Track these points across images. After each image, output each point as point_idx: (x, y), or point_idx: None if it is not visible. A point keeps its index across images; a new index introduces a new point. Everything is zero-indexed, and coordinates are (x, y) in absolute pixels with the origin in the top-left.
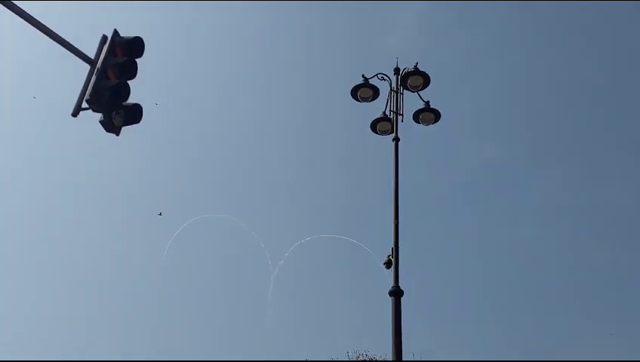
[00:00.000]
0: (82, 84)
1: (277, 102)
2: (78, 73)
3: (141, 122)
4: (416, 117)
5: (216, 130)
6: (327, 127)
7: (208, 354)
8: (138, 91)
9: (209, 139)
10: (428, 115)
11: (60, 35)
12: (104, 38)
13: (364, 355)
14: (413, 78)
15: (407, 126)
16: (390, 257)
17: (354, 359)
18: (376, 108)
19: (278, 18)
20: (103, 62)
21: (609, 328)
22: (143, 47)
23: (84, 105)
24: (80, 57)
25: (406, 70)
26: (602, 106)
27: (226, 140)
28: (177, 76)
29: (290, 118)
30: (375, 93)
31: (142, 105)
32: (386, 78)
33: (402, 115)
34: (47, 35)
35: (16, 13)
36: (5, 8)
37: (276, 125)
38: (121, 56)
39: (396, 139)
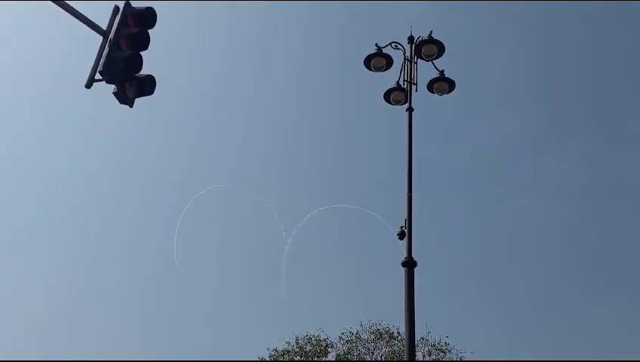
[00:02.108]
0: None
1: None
2: (91, 45)
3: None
4: (431, 87)
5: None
6: (340, 98)
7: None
8: (149, 62)
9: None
10: (442, 84)
11: (72, 6)
12: (116, 8)
13: (378, 325)
14: (428, 47)
15: (421, 96)
16: (403, 228)
17: (367, 328)
18: (390, 78)
19: None
20: (115, 33)
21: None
22: (156, 18)
23: (98, 76)
24: (92, 28)
25: (420, 39)
26: (621, 77)
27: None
28: (186, 46)
29: (302, 89)
30: (388, 62)
31: (154, 77)
32: (399, 46)
33: (416, 84)
34: (60, 7)
35: None
36: None
37: (288, 96)
38: (133, 27)
39: (410, 110)
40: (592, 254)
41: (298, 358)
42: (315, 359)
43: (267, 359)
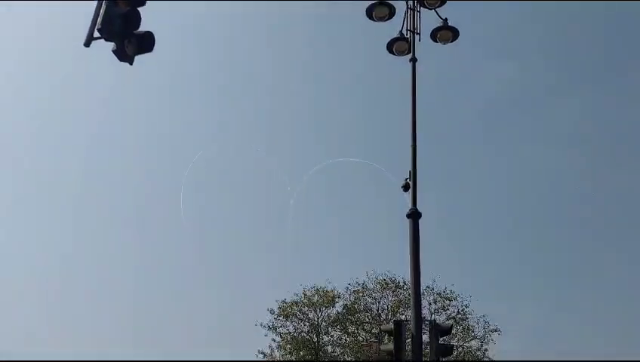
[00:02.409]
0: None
1: (295, 28)
2: (88, 2)
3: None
4: (434, 35)
5: (233, 58)
6: (343, 50)
7: (233, 280)
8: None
9: (224, 67)
10: (446, 33)
11: None
12: None
13: (384, 275)
14: None
15: (424, 46)
16: (408, 180)
17: (373, 279)
18: (393, 29)
19: None
20: None
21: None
22: None
23: (96, 34)
24: None
25: None
26: (627, 29)
27: (243, 68)
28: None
29: (306, 42)
30: (391, 11)
31: (153, 33)
32: None
33: (419, 34)
34: None
35: None
36: None
37: (293, 51)
38: None
39: (413, 60)
40: (597, 203)
41: (306, 308)
42: (323, 309)
43: (276, 310)
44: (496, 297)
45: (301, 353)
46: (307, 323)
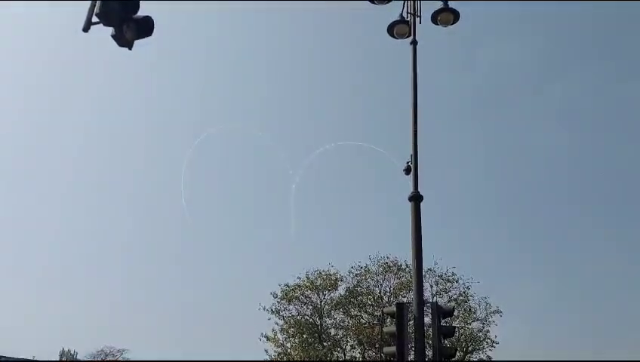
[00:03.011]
0: None
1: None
2: None
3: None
4: (435, 18)
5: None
6: (344, 32)
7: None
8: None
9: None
10: (447, 15)
11: None
12: None
13: (386, 258)
14: None
15: (425, 29)
16: (409, 163)
17: (375, 262)
18: (394, 12)
19: None
20: None
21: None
22: None
23: (95, 19)
24: None
25: None
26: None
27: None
28: None
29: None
30: None
31: (152, 18)
32: None
33: (420, 16)
34: None
35: None
36: None
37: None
38: None
39: (414, 42)
40: (597, 183)
41: (309, 292)
42: (326, 292)
43: (279, 293)
44: (498, 278)
45: (304, 336)
46: (310, 307)
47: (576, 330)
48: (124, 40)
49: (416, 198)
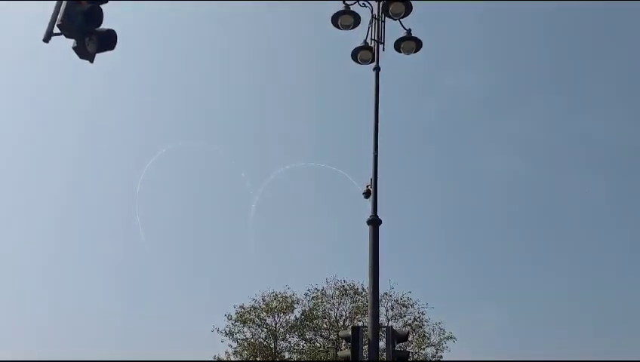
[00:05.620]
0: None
1: (257, 31)
2: None
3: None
4: (398, 46)
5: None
6: (307, 56)
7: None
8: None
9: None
10: (409, 43)
11: None
12: None
13: (343, 282)
14: (395, 5)
15: (388, 55)
16: (369, 187)
17: (332, 285)
18: (357, 37)
19: None
20: None
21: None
22: None
23: (56, 30)
24: None
25: None
26: (583, 38)
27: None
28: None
29: (269, 46)
30: (356, 20)
31: (115, 31)
32: (367, 4)
33: (383, 43)
34: None
35: None
36: None
37: (256, 55)
38: None
39: (377, 69)
40: (549, 208)
41: (264, 314)
42: (282, 314)
43: (233, 315)
44: (456, 304)
45: (258, 359)
46: (265, 329)
47: (529, 356)
48: (85, 52)
49: (374, 222)
